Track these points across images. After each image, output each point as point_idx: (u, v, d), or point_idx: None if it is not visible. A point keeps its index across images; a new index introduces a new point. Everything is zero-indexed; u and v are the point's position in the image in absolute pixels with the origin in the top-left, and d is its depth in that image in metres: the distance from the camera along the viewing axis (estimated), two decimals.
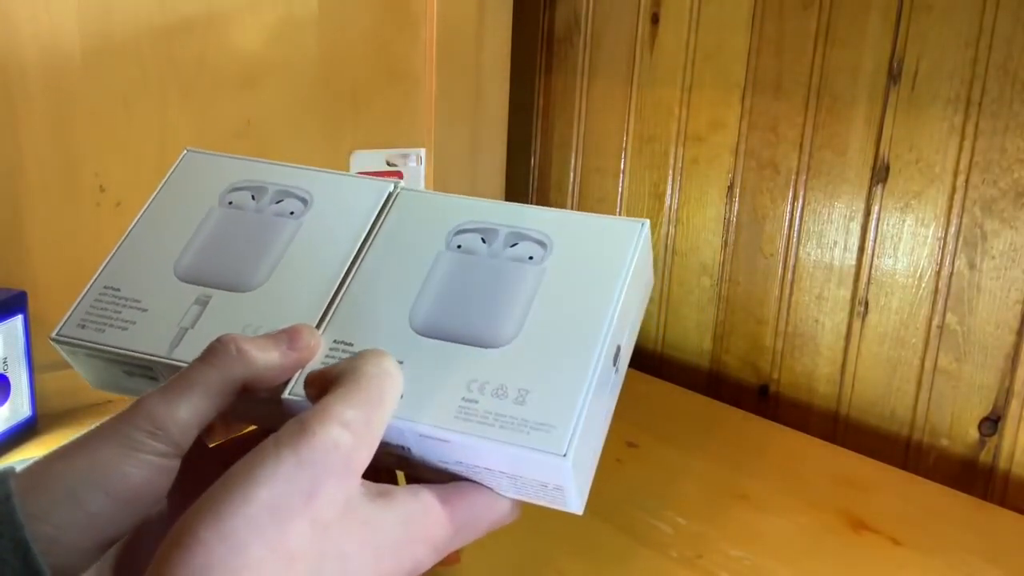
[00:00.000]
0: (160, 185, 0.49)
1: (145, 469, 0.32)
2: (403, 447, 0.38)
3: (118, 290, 0.44)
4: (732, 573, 0.63)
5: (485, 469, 0.37)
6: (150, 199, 0.48)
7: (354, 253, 0.45)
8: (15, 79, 0.75)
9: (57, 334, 0.44)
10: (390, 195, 0.47)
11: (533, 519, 0.70)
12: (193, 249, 0.46)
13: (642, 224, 0.42)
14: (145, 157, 0.83)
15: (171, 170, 0.50)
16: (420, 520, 0.34)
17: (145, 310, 0.43)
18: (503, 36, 1.06)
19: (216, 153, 0.50)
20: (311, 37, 0.91)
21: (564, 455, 0.35)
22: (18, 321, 0.75)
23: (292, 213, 0.47)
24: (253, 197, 0.47)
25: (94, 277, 0.45)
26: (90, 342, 0.43)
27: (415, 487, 0.35)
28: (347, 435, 0.30)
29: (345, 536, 0.30)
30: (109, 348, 0.43)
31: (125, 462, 0.32)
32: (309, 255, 0.45)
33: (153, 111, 0.83)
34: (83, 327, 0.44)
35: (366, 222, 0.46)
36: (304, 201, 0.47)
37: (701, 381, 1.03)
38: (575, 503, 0.38)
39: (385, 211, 0.47)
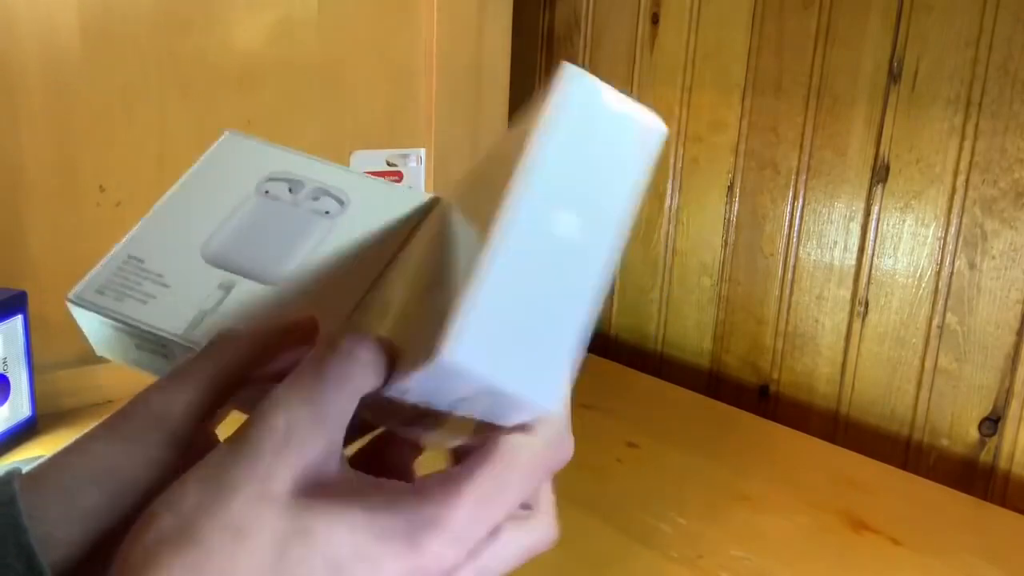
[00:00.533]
0: (198, 162, 0.49)
1: (140, 462, 0.32)
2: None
3: (142, 261, 0.44)
4: (732, 573, 0.63)
5: None
6: (185, 175, 0.48)
7: (388, 258, 0.45)
8: (16, 80, 0.75)
9: (75, 296, 0.43)
10: (431, 202, 0.47)
11: None
12: (224, 233, 0.46)
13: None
14: (145, 157, 0.83)
15: (210, 149, 0.50)
16: (411, 508, 0.32)
17: (167, 286, 0.43)
18: (503, 36, 1.06)
19: (256, 138, 0.50)
20: (311, 37, 0.91)
21: (441, 353, 0.29)
22: (18, 321, 0.75)
23: (327, 212, 0.47)
24: (290, 190, 0.47)
25: (119, 244, 0.45)
26: (108, 309, 0.42)
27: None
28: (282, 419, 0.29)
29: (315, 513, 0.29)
30: (126, 318, 0.42)
31: (119, 455, 0.32)
32: (339, 255, 0.45)
33: (153, 111, 0.83)
34: (102, 293, 0.43)
35: (402, 228, 0.46)
36: (341, 202, 0.47)
37: (701, 381, 1.03)
38: (526, 392, 0.30)
39: (422, 219, 0.47)
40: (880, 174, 0.86)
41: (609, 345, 1.12)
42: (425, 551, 0.28)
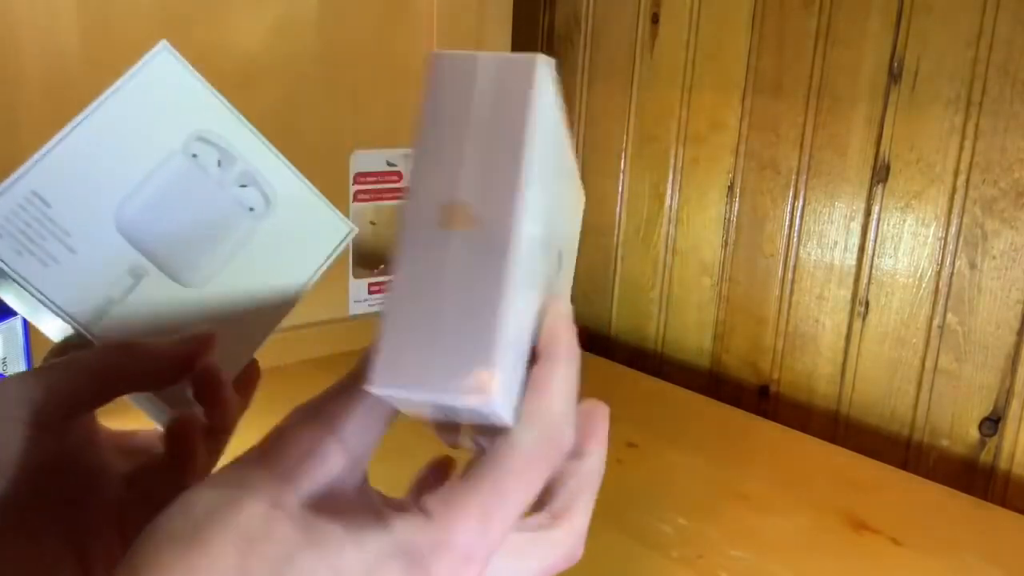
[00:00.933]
0: (124, 79, 0.42)
1: (6, 437, 0.33)
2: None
3: (48, 205, 0.39)
4: (732, 573, 0.63)
5: None
6: (106, 95, 0.42)
7: (295, 298, 0.43)
8: (16, 80, 0.75)
9: None
10: (344, 237, 0.45)
11: None
12: (142, 199, 0.41)
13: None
14: None
15: (139, 66, 0.43)
16: (423, 531, 0.32)
17: (74, 252, 0.39)
18: (503, 36, 1.06)
19: (191, 69, 0.43)
20: (311, 37, 0.91)
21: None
22: (18, 321, 0.75)
23: (252, 209, 0.43)
24: (220, 163, 0.43)
25: (20, 171, 0.39)
26: (4, 261, 0.38)
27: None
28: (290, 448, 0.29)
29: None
30: (25, 281, 0.38)
31: None
32: (252, 274, 0.42)
33: None
34: None
35: (316, 262, 0.44)
36: (267, 201, 0.43)
37: (701, 381, 1.03)
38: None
39: (333, 253, 0.45)
40: (880, 174, 0.85)
41: (609, 345, 1.12)
42: (434, 573, 0.27)
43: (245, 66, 0.88)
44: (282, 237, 0.43)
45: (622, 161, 1.09)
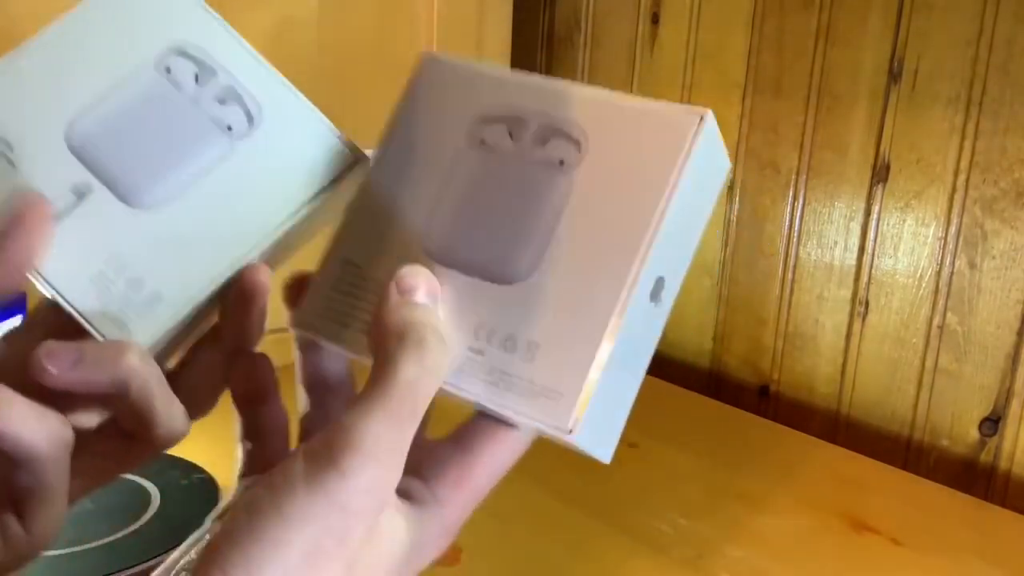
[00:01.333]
0: None
1: None
2: None
3: None
4: (732, 573, 0.63)
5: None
6: (78, 8, 0.37)
7: (284, 222, 0.36)
8: None
9: None
10: (349, 166, 0.37)
11: (533, 520, 0.70)
12: (98, 114, 0.36)
13: (701, 117, 0.32)
14: None
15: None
16: (437, 519, 0.32)
17: (12, 165, 0.35)
18: (503, 36, 1.06)
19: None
20: (311, 37, 0.91)
21: (569, 431, 0.30)
22: (17, 322, 0.75)
23: (230, 128, 0.37)
24: (197, 77, 0.37)
25: None
26: None
27: (429, 485, 0.33)
28: (381, 472, 0.28)
29: (373, 560, 0.29)
30: None
31: None
32: (224, 195, 0.36)
33: None
34: None
35: (306, 194, 0.37)
36: (250, 118, 0.37)
37: (701, 381, 1.03)
38: (600, 454, 0.33)
39: (338, 178, 0.37)
40: (880, 174, 0.85)
41: None
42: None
43: None
44: (266, 162, 0.37)
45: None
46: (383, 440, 0.28)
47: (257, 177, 0.37)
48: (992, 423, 0.81)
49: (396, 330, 0.29)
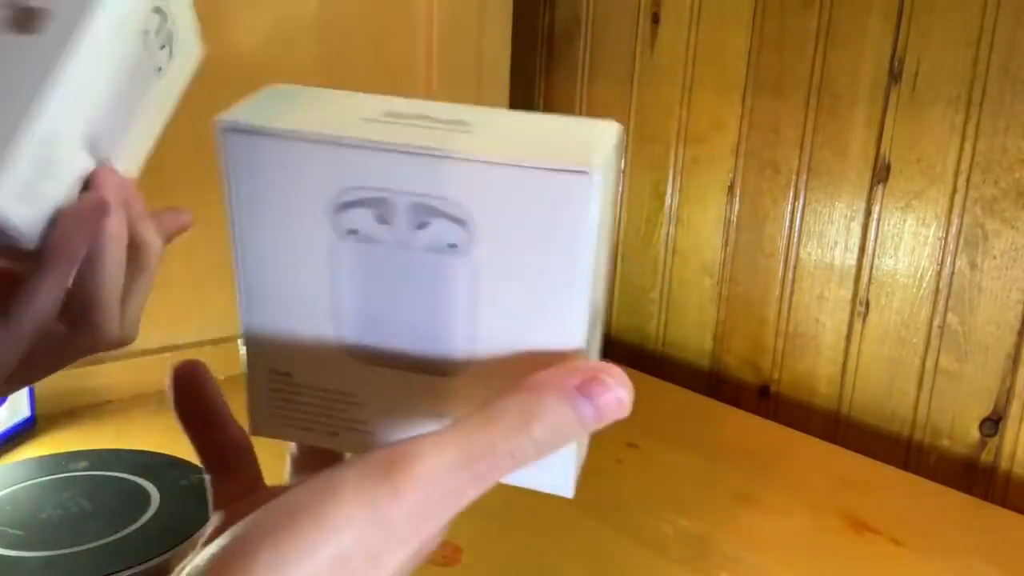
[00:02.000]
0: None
1: None
2: None
3: None
4: (732, 573, 0.63)
5: None
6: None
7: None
8: None
9: None
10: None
11: (533, 520, 0.69)
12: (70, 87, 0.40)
13: (588, 172, 0.27)
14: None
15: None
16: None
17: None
18: (503, 36, 1.06)
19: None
20: (310, 37, 0.91)
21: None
22: None
23: (160, 70, 0.49)
24: (157, 31, 0.45)
25: None
26: None
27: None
28: (433, 507, 0.26)
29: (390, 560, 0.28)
30: None
31: None
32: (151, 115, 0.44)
33: None
34: None
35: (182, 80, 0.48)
36: (171, 55, 0.46)
37: (701, 381, 1.03)
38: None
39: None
40: (881, 174, 0.85)
41: (609, 345, 1.12)
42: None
43: (244, 66, 0.87)
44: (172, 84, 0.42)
45: (622, 161, 1.08)
46: (446, 480, 0.26)
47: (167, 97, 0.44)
48: (993, 423, 0.81)
49: (545, 410, 0.27)
